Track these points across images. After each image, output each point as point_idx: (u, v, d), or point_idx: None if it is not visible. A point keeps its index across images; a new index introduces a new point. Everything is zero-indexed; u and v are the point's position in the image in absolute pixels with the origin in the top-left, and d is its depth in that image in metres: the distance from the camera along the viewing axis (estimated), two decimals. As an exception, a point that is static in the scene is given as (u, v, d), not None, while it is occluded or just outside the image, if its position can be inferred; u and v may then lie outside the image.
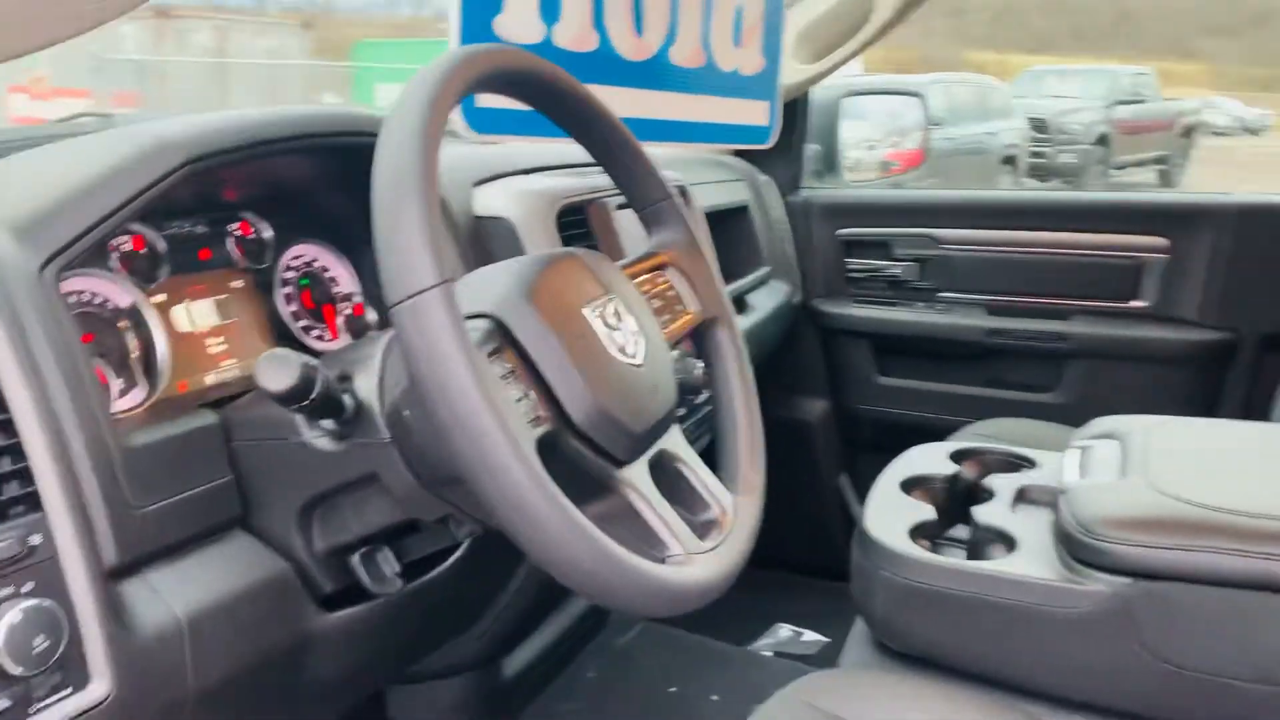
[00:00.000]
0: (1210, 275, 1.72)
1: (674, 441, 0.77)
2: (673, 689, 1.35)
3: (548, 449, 0.63)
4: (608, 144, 0.83)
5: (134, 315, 0.80)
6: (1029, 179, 11.73)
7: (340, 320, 0.99)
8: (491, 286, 0.68)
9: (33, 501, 0.61)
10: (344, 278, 1.00)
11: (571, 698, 1.37)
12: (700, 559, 0.69)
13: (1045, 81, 14.56)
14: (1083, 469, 1.07)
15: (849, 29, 1.72)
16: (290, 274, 0.95)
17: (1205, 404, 1.75)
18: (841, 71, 1.84)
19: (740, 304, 1.64)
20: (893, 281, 1.92)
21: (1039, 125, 12.62)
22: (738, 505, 0.78)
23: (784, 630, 1.78)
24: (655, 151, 1.32)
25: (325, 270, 0.98)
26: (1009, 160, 11.26)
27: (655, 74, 1.19)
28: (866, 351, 1.96)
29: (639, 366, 0.72)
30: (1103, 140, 13.05)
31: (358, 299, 1.00)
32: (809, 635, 1.78)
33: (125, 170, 0.72)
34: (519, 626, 1.20)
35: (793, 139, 1.92)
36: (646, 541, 0.68)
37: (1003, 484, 1.15)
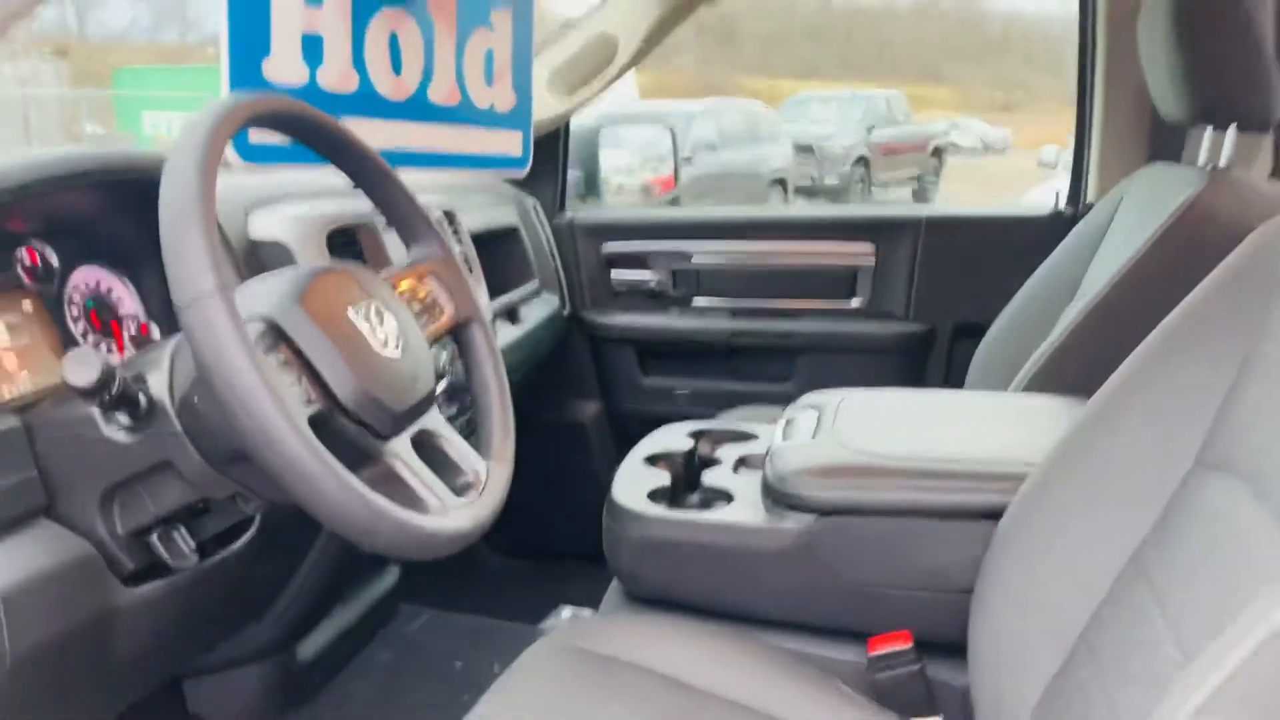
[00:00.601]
0: (910, 277, 2.03)
1: (434, 420, 0.92)
2: (459, 663, 1.48)
3: (320, 425, 0.77)
4: (368, 175, 0.97)
5: (-71, 336, 0.88)
6: (798, 199, 12.49)
7: (126, 338, 1.08)
8: (267, 293, 0.82)
9: None
10: (127, 299, 1.09)
11: (365, 678, 1.49)
12: (455, 512, 0.84)
13: (809, 107, 15.47)
14: (785, 434, 1.29)
15: (597, 68, 1.93)
16: (77, 296, 1.04)
17: (913, 383, 2.05)
18: (617, 98, 2.04)
19: (512, 315, 1.81)
20: (651, 292, 2.14)
21: (805, 149, 13.39)
22: (490, 469, 0.94)
23: (566, 610, 1.95)
24: (422, 179, 1.47)
25: (110, 291, 1.08)
26: (778, 182, 11.95)
27: (414, 109, 1.35)
28: (631, 355, 2.16)
29: (398, 358, 0.87)
30: (862, 162, 14.03)
31: (142, 319, 1.10)
32: (588, 613, 1.96)
33: None
34: (311, 612, 1.32)
35: (555, 165, 2.11)
36: (409, 500, 0.83)
37: (728, 453, 1.37)
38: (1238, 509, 0.73)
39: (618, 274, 2.15)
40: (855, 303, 2.07)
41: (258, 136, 1.10)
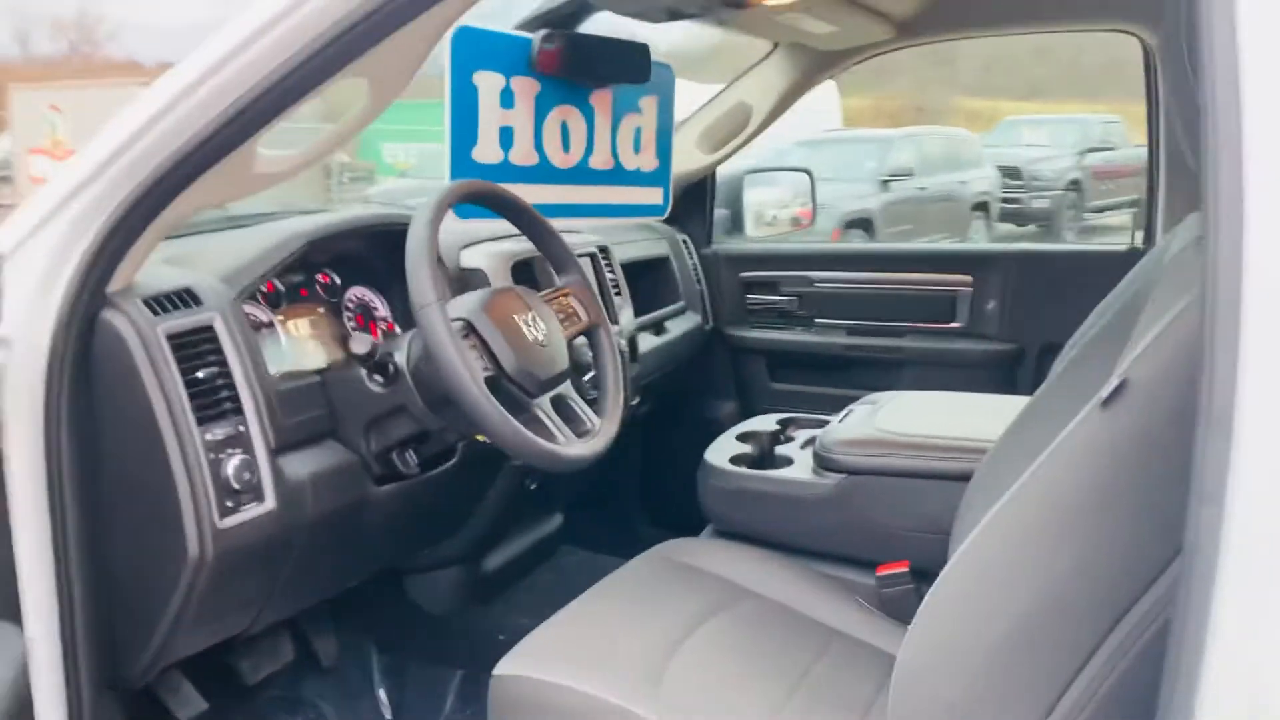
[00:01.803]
0: (1001, 303, 2.37)
1: (567, 388, 1.42)
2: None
3: (493, 386, 1.27)
4: (531, 226, 1.49)
5: (270, 326, 1.46)
6: (1002, 224, 12.35)
7: (380, 332, 1.64)
8: (466, 303, 1.34)
9: (238, 410, 1.26)
10: (381, 307, 1.66)
11: (530, 592, 2.01)
12: (575, 444, 1.34)
13: (1019, 130, 15.19)
14: (843, 419, 1.71)
15: (735, 130, 2.40)
16: (351, 304, 1.61)
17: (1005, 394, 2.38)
18: (819, 125, 2.48)
19: (658, 328, 2.29)
20: (780, 311, 2.57)
21: (1011, 173, 13.16)
22: (602, 424, 1.42)
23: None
24: (587, 223, 1.98)
25: (370, 302, 1.64)
26: (980, 206, 11.89)
27: (578, 175, 1.86)
28: (762, 364, 2.60)
29: (545, 346, 1.38)
30: (1075, 185, 13.66)
31: (390, 320, 1.66)
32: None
33: (275, 248, 1.38)
34: (491, 533, 1.85)
35: (703, 207, 2.59)
36: (546, 435, 1.33)
37: (801, 434, 1.81)
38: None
39: (753, 297, 2.59)
40: (955, 324, 2.43)
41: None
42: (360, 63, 1.05)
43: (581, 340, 1.53)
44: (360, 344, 1.32)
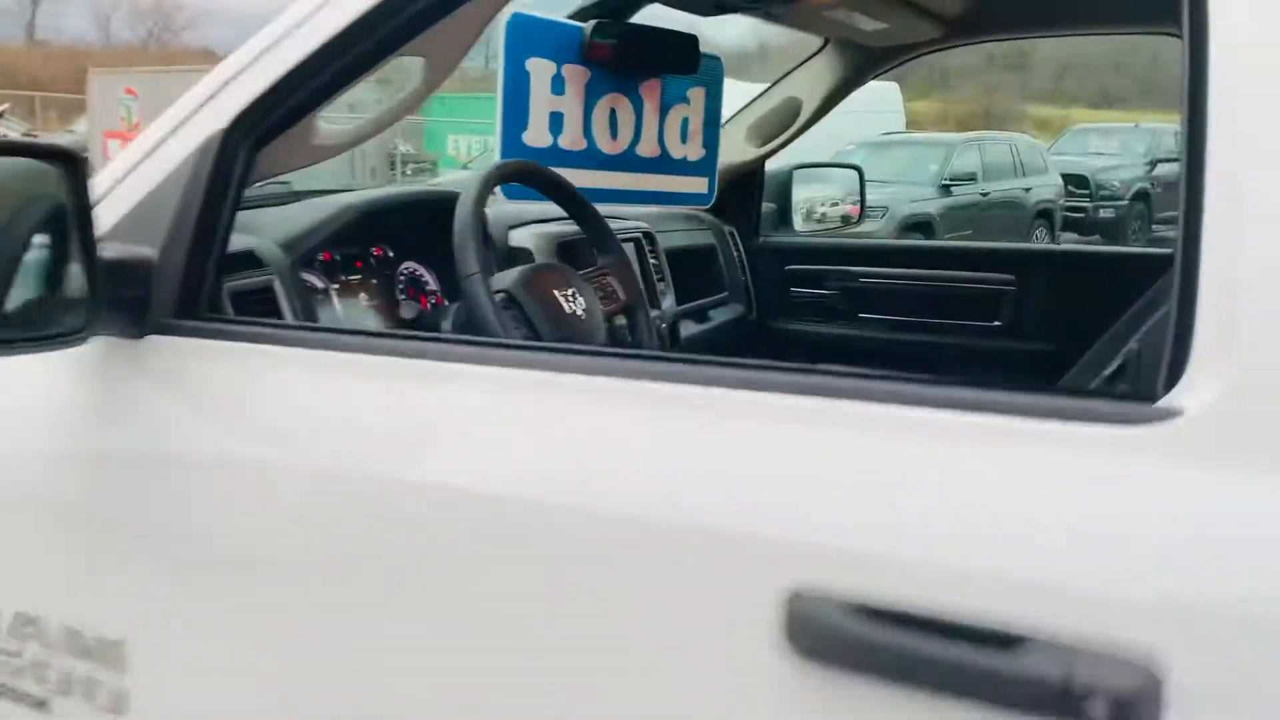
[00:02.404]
0: (1044, 302, 2.38)
1: None
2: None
3: None
4: (575, 207, 1.55)
5: (325, 293, 1.54)
6: (1065, 233, 12.20)
7: (430, 303, 1.72)
8: (509, 277, 1.41)
9: None
10: (431, 280, 1.73)
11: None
12: None
13: (1088, 139, 14.96)
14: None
15: (784, 124, 2.44)
16: (402, 277, 1.69)
17: (1042, 396, 2.39)
18: (882, 127, 2.52)
19: (700, 316, 2.34)
20: (824, 305, 2.60)
21: (1079, 181, 12.99)
22: None
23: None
24: (634, 210, 2.04)
25: (421, 276, 1.72)
26: (1044, 214, 11.75)
27: (625, 163, 1.92)
28: (804, 357, 2.64)
29: (583, 320, 1.44)
30: (1142, 197, 13.43)
31: (440, 293, 1.74)
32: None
33: (328, 218, 1.46)
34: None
35: (751, 199, 2.63)
36: None
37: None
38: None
39: (797, 290, 2.63)
40: (997, 323, 2.44)
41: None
42: (417, 41, 1.12)
43: (624, 321, 1.60)
44: (408, 310, 1.39)
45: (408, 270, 1.70)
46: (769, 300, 2.65)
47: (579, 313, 1.44)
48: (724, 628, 0.78)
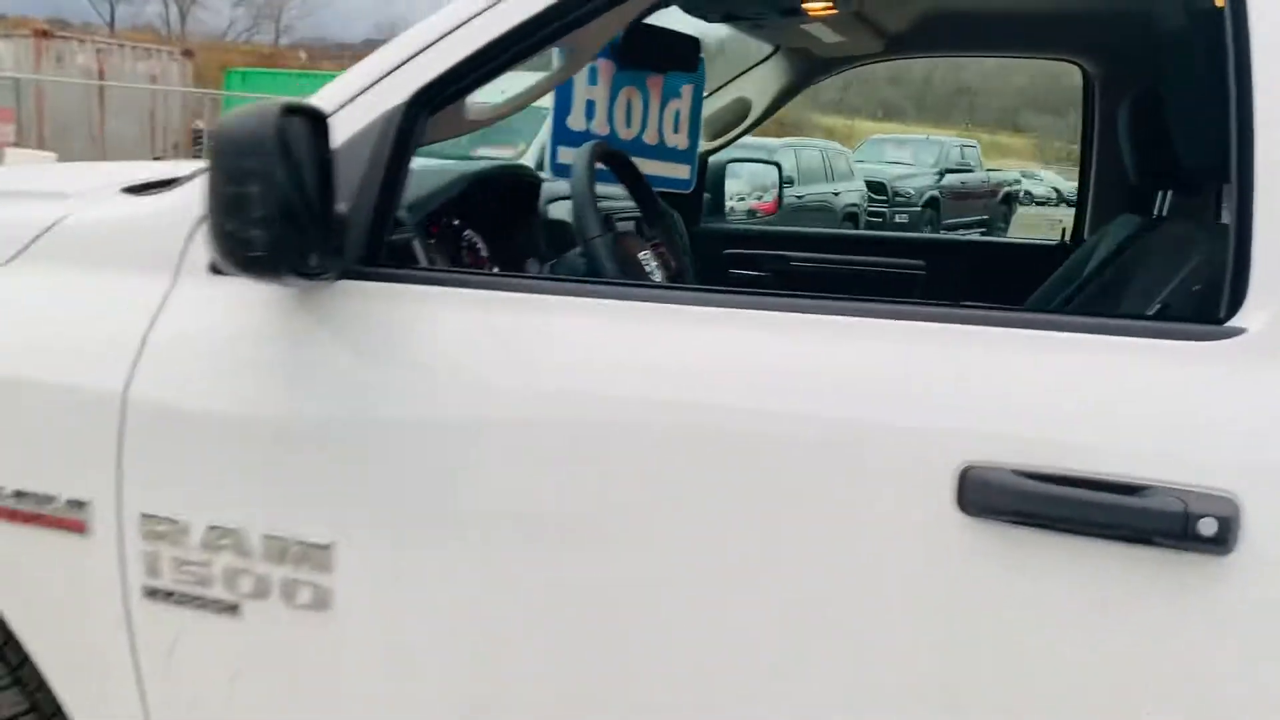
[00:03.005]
0: (950, 285, 2.77)
1: None
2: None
3: None
4: (642, 190, 1.77)
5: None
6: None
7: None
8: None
9: None
10: (484, 249, 1.90)
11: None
12: None
13: (885, 148, 16.10)
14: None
15: (734, 121, 2.73)
16: (465, 243, 1.85)
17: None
18: None
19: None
20: (759, 286, 2.91)
21: (877, 188, 14.00)
22: None
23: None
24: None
25: (476, 243, 1.88)
26: (850, 217, 12.61)
27: (635, 148, 2.15)
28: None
29: (658, 278, 1.66)
30: (932, 204, 14.63)
31: (487, 259, 1.90)
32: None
33: (447, 186, 1.62)
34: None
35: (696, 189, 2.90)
36: None
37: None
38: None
39: (735, 272, 2.92)
40: (910, 303, 2.81)
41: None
42: (577, 33, 1.30)
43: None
44: None
45: (468, 238, 1.86)
46: (710, 281, 2.93)
47: (653, 272, 1.66)
48: (912, 501, 1.02)
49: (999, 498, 1.00)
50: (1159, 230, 1.80)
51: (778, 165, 3.18)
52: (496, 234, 1.83)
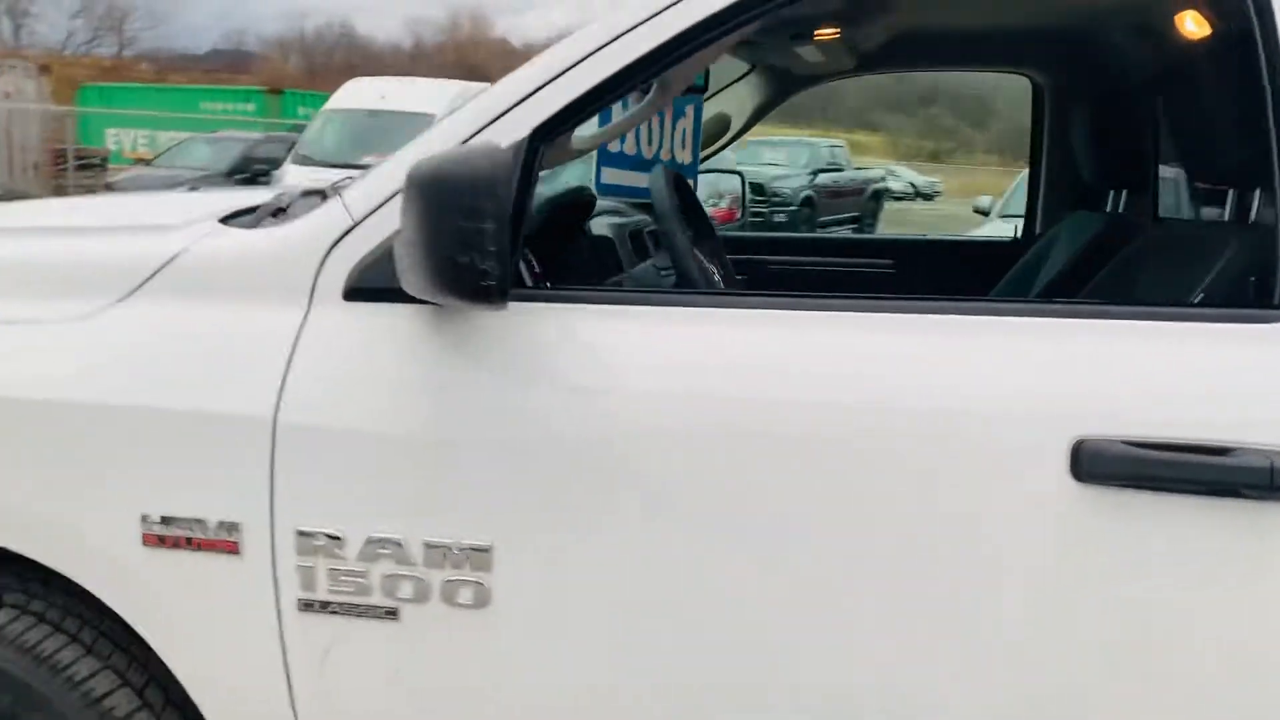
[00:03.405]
0: (917, 283, 2.98)
1: None
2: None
3: None
4: (696, 209, 1.90)
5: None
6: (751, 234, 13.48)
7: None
8: None
9: None
10: (535, 264, 1.98)
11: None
12: None
13: (761, 151, 16.51)
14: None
15: (716, 135, 2.88)
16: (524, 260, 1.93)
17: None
18: None
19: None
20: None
21: (757, 189, 14.35)
22: None
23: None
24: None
25: (531, 259, 1.97)
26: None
27: (652, 165, 2.27)
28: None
29: (719, 285, 1.79)
30: (808, 203, 15.11)
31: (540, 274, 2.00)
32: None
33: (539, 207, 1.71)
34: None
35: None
36: None
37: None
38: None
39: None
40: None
41: (610, 178, 2.02)
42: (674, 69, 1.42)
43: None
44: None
45: (525, 254, 1.95)
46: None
47: (717, 279, 1.79)
48: (1029, 473, 1.18)
49: (1113, 465, 1.17)
50: (1163, 230, 2.03)
51: (740, 174, 3.35)
52: (545, 250, 1.93)
